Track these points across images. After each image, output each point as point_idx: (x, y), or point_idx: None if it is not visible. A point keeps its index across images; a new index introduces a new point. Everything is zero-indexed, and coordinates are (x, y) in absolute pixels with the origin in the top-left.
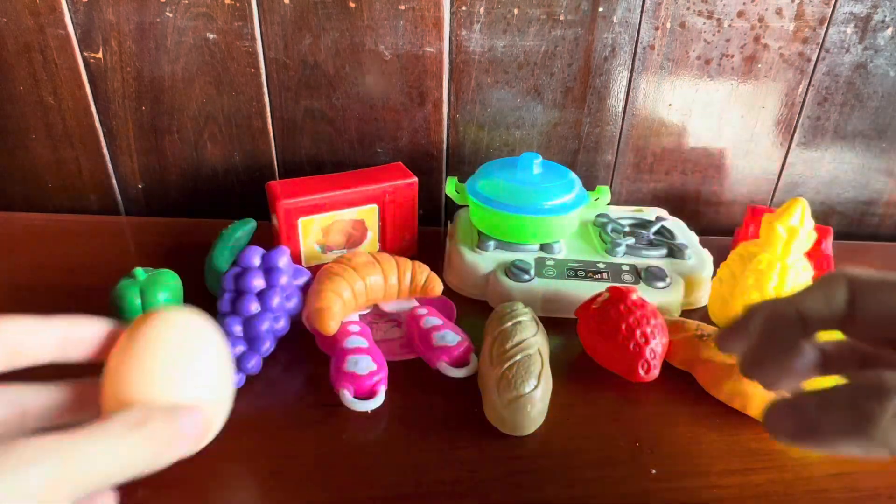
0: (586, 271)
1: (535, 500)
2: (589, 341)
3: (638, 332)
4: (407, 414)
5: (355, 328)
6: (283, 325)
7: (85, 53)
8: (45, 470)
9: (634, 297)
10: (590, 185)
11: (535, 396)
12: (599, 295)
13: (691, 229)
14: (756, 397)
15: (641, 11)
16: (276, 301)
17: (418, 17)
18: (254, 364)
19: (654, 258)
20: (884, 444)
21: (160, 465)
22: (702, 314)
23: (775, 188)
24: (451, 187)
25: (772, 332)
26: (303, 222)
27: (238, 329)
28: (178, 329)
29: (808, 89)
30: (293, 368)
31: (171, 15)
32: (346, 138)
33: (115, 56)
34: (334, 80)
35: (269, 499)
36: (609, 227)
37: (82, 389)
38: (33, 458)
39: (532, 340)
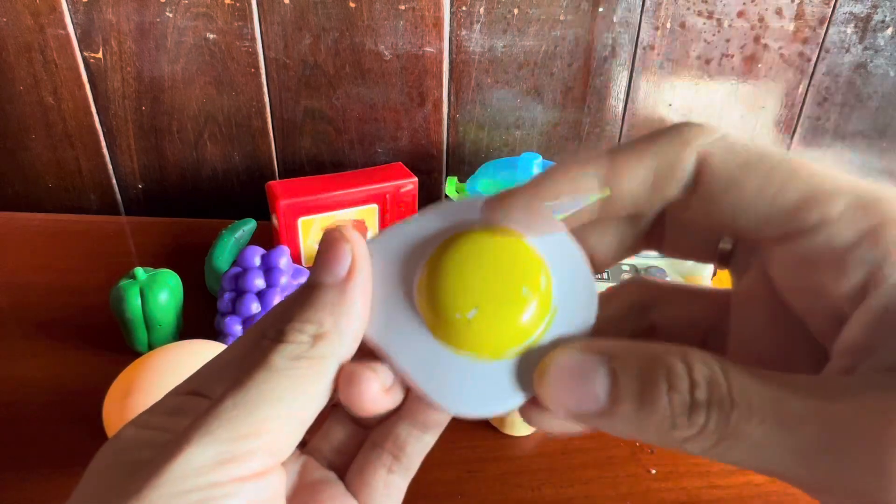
0: None
1: (535, 500)
2: None
3: None
4: None
5: None
6: None
7: (85, 53)
8: None
9: None
10: None
11: None
12: None
13: None
14: None
15: (641, 11)
16: (276, 301)
17: (418, 17)
18: None
19: (654, 258)
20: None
21: None
22: None
23: None
24: (451, 187)
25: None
26: (303, 222)
27: (238, 329)
28: None
29: (808, 89)
30: None
31: (171, 15)
32: (346, 138)
33: (115, 56)
34: (334, 80)
35: None
36: None
37: None
38: None
39: None
